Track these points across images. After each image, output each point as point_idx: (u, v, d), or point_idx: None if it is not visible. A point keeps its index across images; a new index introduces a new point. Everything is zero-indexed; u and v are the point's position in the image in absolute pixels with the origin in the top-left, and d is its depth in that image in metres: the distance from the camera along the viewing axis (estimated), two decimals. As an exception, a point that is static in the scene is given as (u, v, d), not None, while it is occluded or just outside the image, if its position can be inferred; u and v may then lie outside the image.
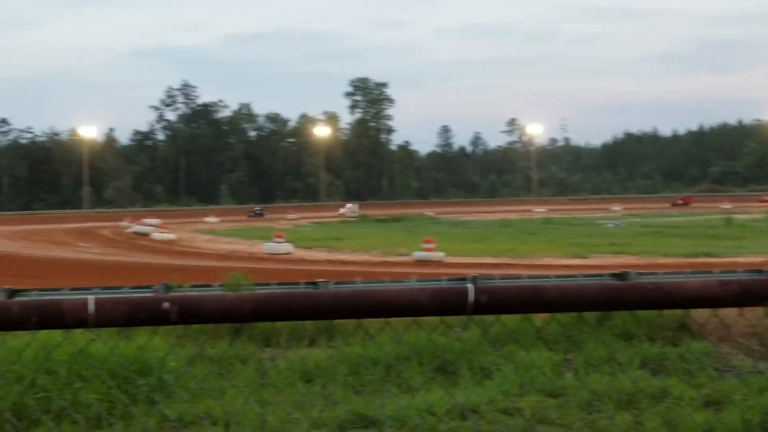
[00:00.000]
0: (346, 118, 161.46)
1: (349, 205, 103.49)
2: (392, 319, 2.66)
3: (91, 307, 2.45)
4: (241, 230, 67.45)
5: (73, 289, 14.07)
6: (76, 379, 8.78)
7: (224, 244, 52.09)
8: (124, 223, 75.34)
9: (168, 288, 13.61)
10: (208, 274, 29.18)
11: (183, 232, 65.65)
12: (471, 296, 2.55)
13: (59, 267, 35.17)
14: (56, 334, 8.27)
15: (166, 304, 2.50)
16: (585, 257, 36.77)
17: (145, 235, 61.09)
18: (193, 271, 31.34)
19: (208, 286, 14.23)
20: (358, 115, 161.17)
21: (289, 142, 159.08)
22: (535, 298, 2.63)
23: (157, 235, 57.91)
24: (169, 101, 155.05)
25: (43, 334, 7.50)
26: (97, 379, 8.69)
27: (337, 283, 14.68)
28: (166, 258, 41.31)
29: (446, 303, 2.57)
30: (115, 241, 56.90)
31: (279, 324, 10.93)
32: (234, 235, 60.89)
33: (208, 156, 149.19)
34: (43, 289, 14.26)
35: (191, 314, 2.53)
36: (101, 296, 2.54)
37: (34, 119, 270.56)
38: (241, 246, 50.54)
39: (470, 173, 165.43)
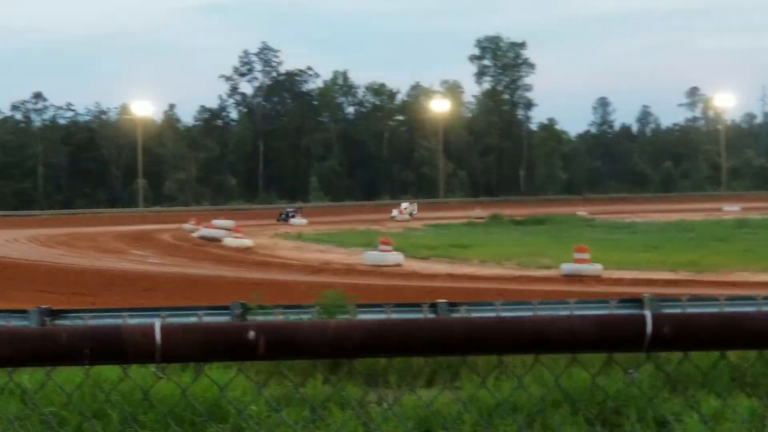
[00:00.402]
0: (472, 89, 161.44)
1: (404, 205, 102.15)
2: (543, 356, 2.66)
3: (158, 335, 2.51)
4: (336, 235, 68.06)
5: (127, 310, 14.47)
6: (134, 424, 9.02)
7: (315, 253, 52.70)
8: (188, 225, 76.94)
9: (246, 309, 13.85)
10: (295, 291, 29.60)
11: (263, 237, 66.64)
12: (649, 326, 2.53)
13: (108, 281, 36.17)
14: (107, 368, 8.49)
15: (251, 333, 2.55)
16: (795, 272, 35.88)
17: (215, 240, 62.27)
18: (277, 287, 31.83)
19: (298, 307, 14.44)
20: (486, 84, 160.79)
21: (398, 120, 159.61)
22: (736, 329, 2.58)
23: (231, 241, 58.95)
24: (244, 69, 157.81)
25: (96, 368, 7.72)
26: (158, 425, 8.91)
27: (470, 306, 14.69)
28: (242, 270, 42.05)
29: (616, 335, 2.55)
30: (177, 248, 58.18)
31: (383, 358, 10.97)
32: (327, 241, 61.54)
33: (294, 139, 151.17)
34: (90, 309, 14.66)
35: (284, 346, 2.58)
36: (169, 322, 2.60)
37: (76, 93, 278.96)
38: (337, 255, 51.05)
39: (637, 160, 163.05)
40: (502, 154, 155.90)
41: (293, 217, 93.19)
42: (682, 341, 2.57)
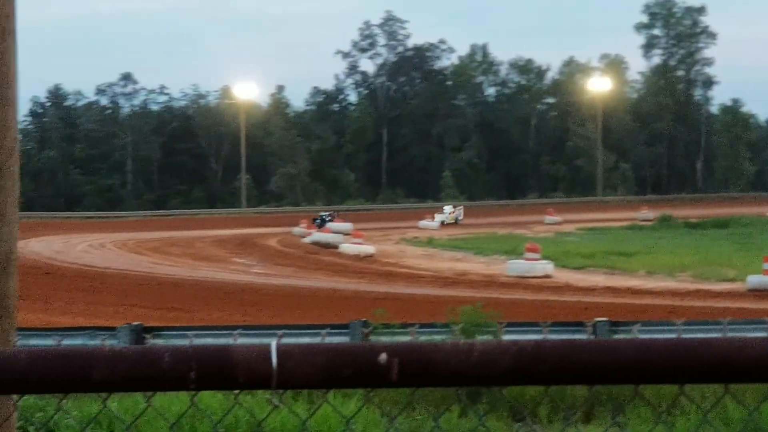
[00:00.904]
0: (638, 65, 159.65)
1: (447, 209, 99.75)
2: (735, 386, 2.64)
3: (275, 358, 2.55)
4: (473, 240, 68.08)
5: (234, 329, 14.67)
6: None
7: (449, 262, 52.86)
8: (299, 229, 77.73)
9: (369, 327, 13.92)
10: (426, 306, 29.70)
11: (387, 243, 66.97)
12: None
13: (207, 293, 36.76)
14: (207, 394, 8.63)
15: (383, 356, 2.57)
16: None
17: (330, 246, 62.78)
18: (404, 302, 31.98)
19: (430, 326, 14.46)
20: (656, 59, 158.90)
21: (547, 103, 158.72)
22: None
23: (349, 247, 59.40)
24: (365, 44, 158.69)
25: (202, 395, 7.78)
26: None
27: (643, 326, 14.56)
28: (363, 282, 42.34)
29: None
30: (286, 256, 58.81)
31: (536, 387, 10.83)
32: (463, 248, 61.60)
33: (424, 126, 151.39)
34: (189, 327, 14.86)
35: (421, 372, 2.59)
36: (287, 344, 2.64)
37: (170, 75, 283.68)
38: (474, 264, 51.16)
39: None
40: (674, 144, 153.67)
41: (329, 221, 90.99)
42: None
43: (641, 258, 49.60)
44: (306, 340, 13.36)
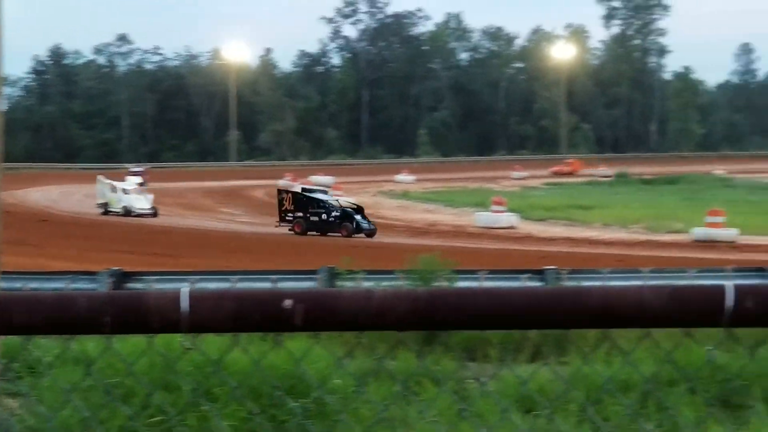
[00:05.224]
0: (599, 34, 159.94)
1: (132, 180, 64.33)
2: (655, 331, 2.66)
3: (185, 303, 2.53)
4: (445, 193, 68.30)
5: (192, 274, 14.71)
6: (205, 398, 9.18)
7: (421, 213, 53.03)
8: (284, 182, 77.68)
9: (333, 274, 13.98)
10: (395, 255, 29.69)
11: (365, 195, 67.02)
12: (730, 300, 2.50)
13: (194, 241, 36.73)
14: (170, 337, 8.62)
15: (288, 302, 2.56)
16: None
17: (311, 198, 63.02)
18: (376, 250, 32.01)
19: (388, 272, 14.49)
20: (615, 29, 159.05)
21: (516, 68, 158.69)
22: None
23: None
24: (348, 11, 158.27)
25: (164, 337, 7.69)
26: (233, 399, 9.04)
27: (573, 274, 14.61)
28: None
29: (690, 309, 2.52)
30: (271, 207, 58.75)
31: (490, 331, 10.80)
32: (436, 200, 61.82)
33: (402, 88, 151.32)
34: (158, 272, 14.91)
35: (323, 317, 2.58)
36: (200, 288, 2.63)
37: (164, 36, 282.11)
38: (445, 216, 51.35)
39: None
40: (631, 107, 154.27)
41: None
42: (764, 316, 2.52)
43: (598, 211, 49.90)
44: (260, 285, 13.42)
